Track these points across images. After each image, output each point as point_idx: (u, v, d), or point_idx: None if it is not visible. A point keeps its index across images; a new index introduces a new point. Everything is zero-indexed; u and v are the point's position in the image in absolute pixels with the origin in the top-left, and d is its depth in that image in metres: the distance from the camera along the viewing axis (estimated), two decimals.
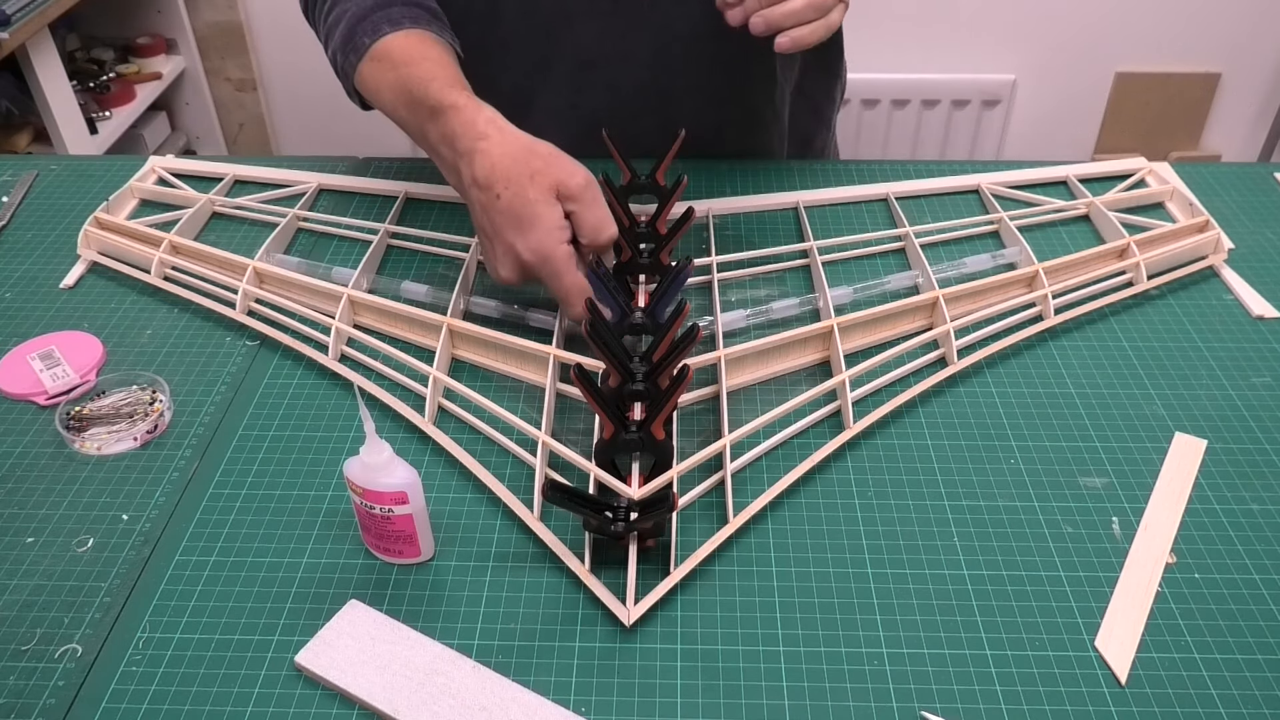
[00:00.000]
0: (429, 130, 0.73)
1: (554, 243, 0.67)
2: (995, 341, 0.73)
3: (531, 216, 0.67)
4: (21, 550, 0.59)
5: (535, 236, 0.67)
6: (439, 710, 0.50)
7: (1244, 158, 2.18)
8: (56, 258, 0.84)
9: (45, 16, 1.65)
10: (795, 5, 0.68)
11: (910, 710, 0.51)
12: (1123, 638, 0.54)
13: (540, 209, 0.67)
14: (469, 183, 0.69)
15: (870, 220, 0.87)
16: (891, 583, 0.57)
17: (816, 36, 0.70)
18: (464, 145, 0.69)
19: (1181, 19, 2.01)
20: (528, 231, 0.67)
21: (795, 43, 0.69)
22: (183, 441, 0.66)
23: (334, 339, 0.72)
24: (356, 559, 0.58)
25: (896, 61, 2.03)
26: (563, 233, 0.67)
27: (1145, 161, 0.93)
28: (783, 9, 0.68)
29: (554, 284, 0.68)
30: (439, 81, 0.72)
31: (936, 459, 0.64)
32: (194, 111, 2.22)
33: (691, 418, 0.68)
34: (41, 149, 1.80)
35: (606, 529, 0.55)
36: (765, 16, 0.68)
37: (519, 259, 0.68)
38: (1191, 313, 0.77)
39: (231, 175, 0.93)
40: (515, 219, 0.67)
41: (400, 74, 0.75)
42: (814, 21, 0.69)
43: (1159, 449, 0.65)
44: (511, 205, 0.67)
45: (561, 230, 0.67)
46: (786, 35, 0.69)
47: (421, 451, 0.65)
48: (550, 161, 0.68)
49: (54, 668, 0.53)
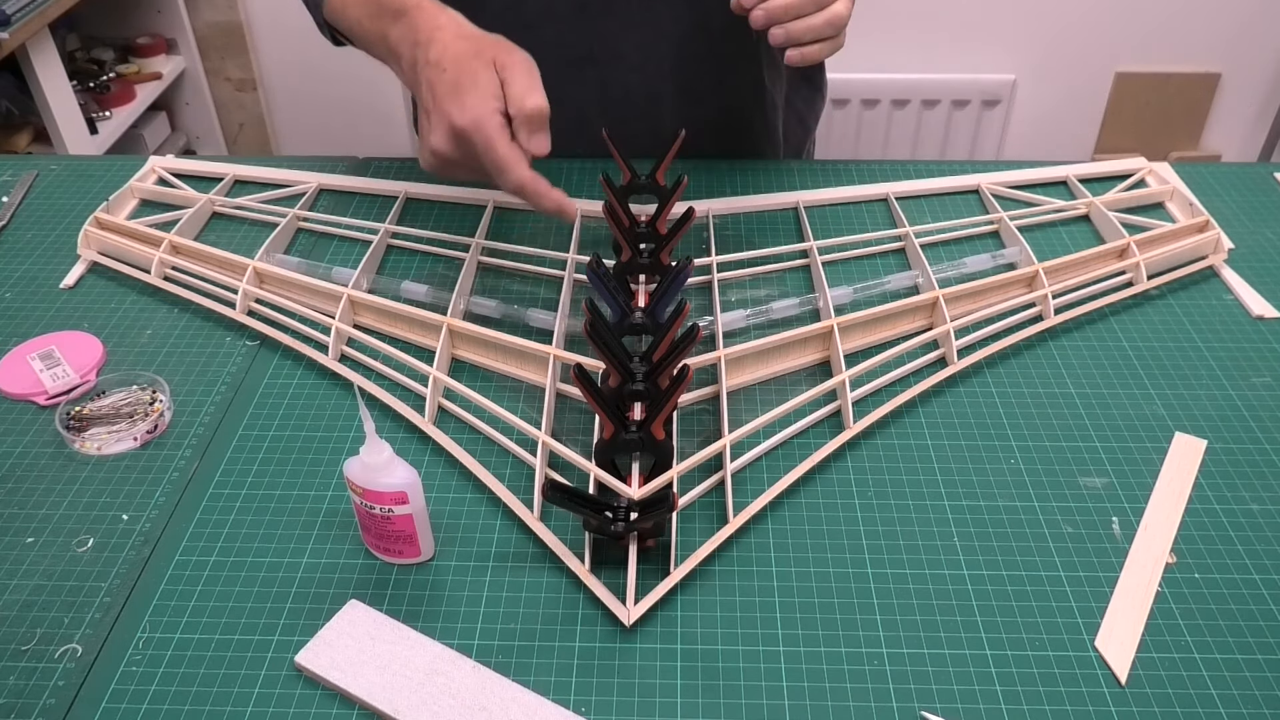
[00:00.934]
0: (390, 33, 0.75)
1: (487, 110, 0.67)
2: (995, 341, 0.73)
3: (469, 83, 0.68)
4: (21, 550, 0.59)
5: (469, 101, 0.67)
6: (439, 710, 0.50)
7: (1244, 158, 2.18)
8: (56, 258, 0.84)
9: (45, 16, 1.65)
10: (816, 21, 0.69)
11: (910, 710, 0.51)
12: (1123, 638, 0.54)
13: (478, 77, 0.68)
14: (421, 64, 0.71)
15: (870, 220, 0.87)
16: (891, 583, 0.57)
17: (825, 54, 0.71)
18: (423, 35, 0.71)
19: (1181, 19, 2.01)
20: (464, 97, 0.67)
21: (804, 58, 0.71)
22: (183, 441, 0.66)
23: (334, 339, 0.72)
24: (356, 559, 0.58)
25: (896, 61, 2.03)
26: (496, 102, 0.67)
27: (1145, 161, 0.93)
28: (804, 23, 0.69)
29: (487, 155, 0.67)
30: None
31: (936, 459, 0.64)
32: (194, 111, 2.22)
33: (691, 418, 0.68)
34: (41, 149, 1.80)
35: (606, 529, 0.55)
36: (787, 29, 0.69)
37: (451, 126, 0.68)
38: (1191, 313, 0.77)
39: (231, 175, 0.93)
40: (454, 88, 0.68)
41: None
42: (826, 41, 0.71)
43: (1159, 449, 0.65)
44: (454, 76, 0.68)
45: (495, 100, 0.67)
46: (797, 51, 0.70)
47: (421, 451, 0.65)
48: (497, 44, 0.70)
49: (54, 668, 0.53)
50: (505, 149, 0.66)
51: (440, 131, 0.68)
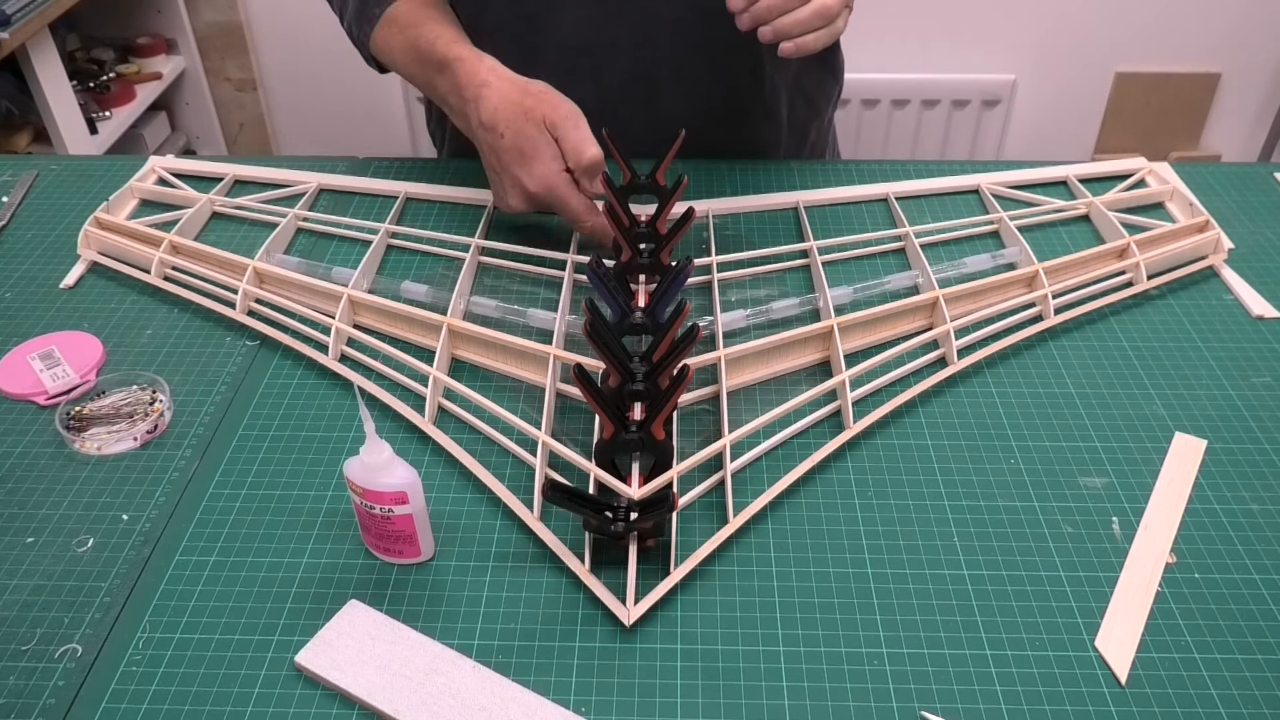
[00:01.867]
0: (438, 83, 0.81)
1: (554, 172, 0.75)
2: (995, 341, 0.73)
3: (532, 151, 0.75)
4: (21, 550, 0.59)
5: (538, 168, 0.75)
6: (439, 710, 0.50)
7: (1244, 158, 2.18)
8: (56, 258, 0.84)
9: (45, 16, 1.65)
10: (802, 14, 0.70)
11: (910, 710, 0.51)
12: (1123, 638, 0.54)
13: (538, 144, 0.75)
14: (476, 125, 0.78)
15: (870, 220, 0.87)
16: (891, 583, 0.57)
17: (821, 43, 0.72)
18: (469, 93, 0.78)
19: (1181, 19, 2.01)
20: (530, 164, 0.75)
21: (799, 49, 0.71)
22: (183, 441, 0.66)
23: (334, 339, 0.72)
24: (356, 559, 0.58)
25: (896, 61, 2.03)
26: (558, 163, 0.76)
27: (1145, 161, 0.93)
28: (790, 18, 0.70)
29: (563, 209, 0.77)
30: (444, 39, 0.80)
31: (936, 459, 0.64)
32: (194, 111, 2.21)
33: (691, 418, 0.68)
34: (41, 149, 1.80)
35: (606, 529, 0.55)
36: (774, 26, 0.70)
37: (525, 190, 0.77)
38: (1191, 313, 0.77)
39: (231, 175, 0.93)
40: (518, 154, 0.76)
41: (408, 35, 0.83)
42: (818, 30, 0.71)
43: (1159, 449, 0.65)
44: (514, 143, 0.76)
45: (557, 160, 0.76)
46: (791, 43, 0.71)
47: (421, 451, 0.65)
48: (540, 98, 0.76)
49: (54, 668, 0.53)
50: (577, 202, 0.76)
51: (517, 194, 0.78)
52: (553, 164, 0.75)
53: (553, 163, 0.75)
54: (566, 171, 0.76)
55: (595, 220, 0.77)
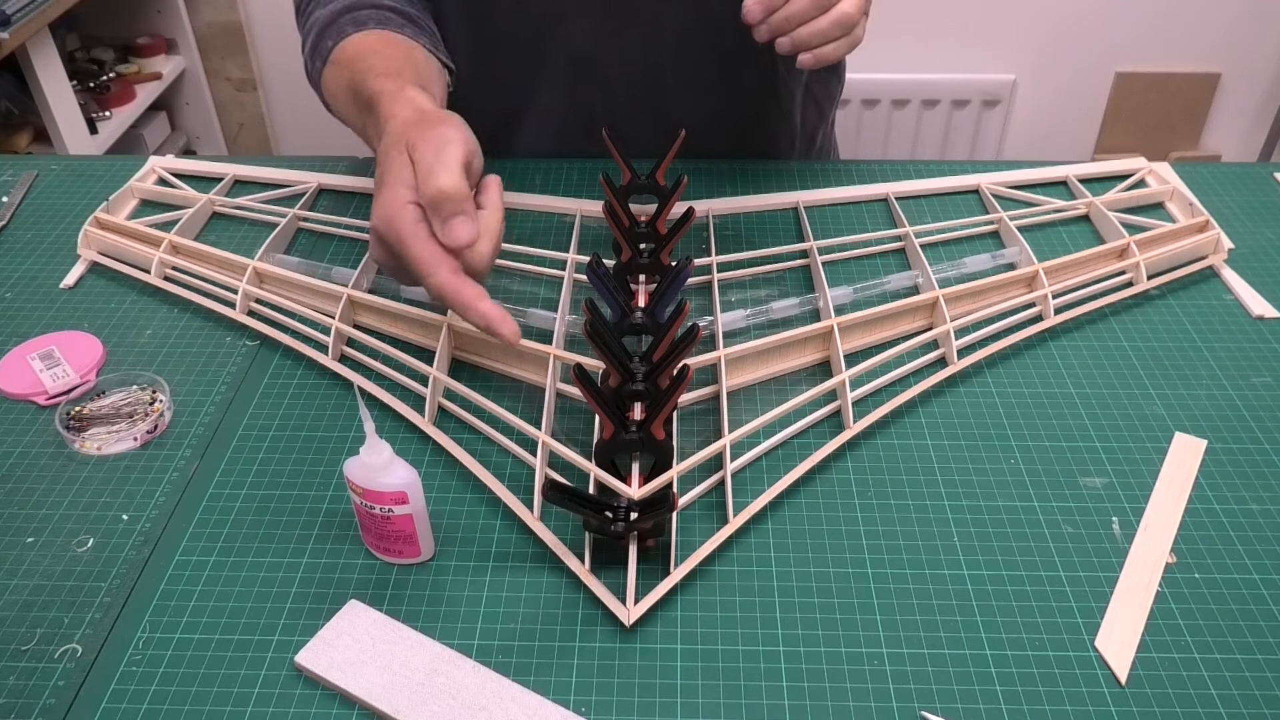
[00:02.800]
0: (367, 123, 0.68)
1: (397, 205, 0.57)
2: (995, 341, 0.73)
3: (380, 177, 0.59)
4: (21, 550, 0.59)
5: (382, 197, 0.58)
6: (439, 710, 0.50)
7: (1244, 158, 2.18)
8: (56, 258, 0.84)
9: (45, 16, 1.65)
10: (821, 25, 0.68)
11: (910, 710, 0.51)
12: (1123, 638, 0.54)
13: (392, 167, 0.58)
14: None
15: (870, 220, 0.87)
16: (891, 583, 0.57)
17: (840, 53, 0.70)
18: (380, 129, 0.64)
19: (1181, 19, 2.01)
20: (378, 192, 0.59)
21: (818, 59, 0.69)
22: (183, 441, 0.66)
23: (334, 339, 0.72)
24: (356, 559, 0.58)
25: (896, 61, 2.03)
26: (409, 192, 0.57)
27: (1145, 161, 0.93)
28: (809, 28, 0.68)
29: (405, 257, 0.57)
30: (375, 72, 0.69)
31: (936, 459, 0.64)
32: (194, 111, 2.22)
33: (691, 418, 0.68)
34: (41, 149, 1.80)
35: (606, 529, 0.55)
36: (793, 37, 0.68)
37: (372, 228, 0.59)
38: (1191, 313, 0.77)
39: (231, 175, 0.93)
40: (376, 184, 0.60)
41: (348, 73, 0.73)
42: (838, 40, 0.69)
43: (1159, 449, 0.65)
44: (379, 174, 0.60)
45: (407, 189, 0.58)
46: (810, 53, 0.69)
47: (421, 451, 0.65)
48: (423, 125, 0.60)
49: (54, 668, 0.53)
50: (419, 247, 0.56)
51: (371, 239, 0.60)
52: (400, 192, 0.57)
53: (401, 191, 0.57)
54: (416, 206, 0.58)
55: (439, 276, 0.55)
